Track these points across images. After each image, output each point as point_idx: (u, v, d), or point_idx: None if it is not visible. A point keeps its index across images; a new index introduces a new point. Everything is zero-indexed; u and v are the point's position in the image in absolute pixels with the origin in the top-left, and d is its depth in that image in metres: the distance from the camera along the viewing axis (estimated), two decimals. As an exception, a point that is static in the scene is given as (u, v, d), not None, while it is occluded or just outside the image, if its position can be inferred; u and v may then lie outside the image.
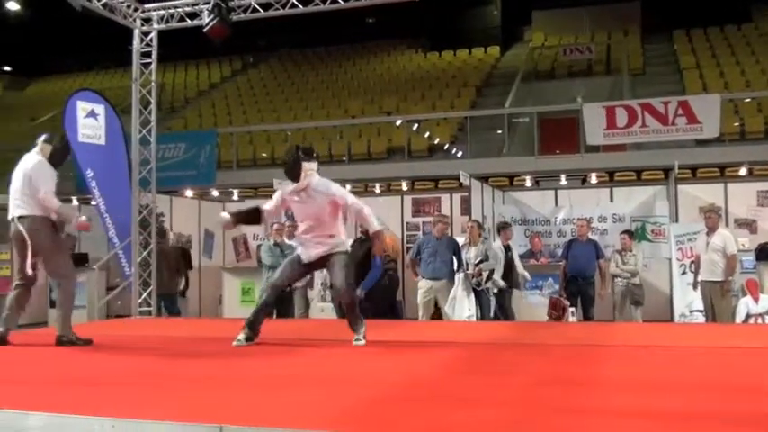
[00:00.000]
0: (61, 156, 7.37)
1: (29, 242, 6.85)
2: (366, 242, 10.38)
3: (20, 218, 6.91)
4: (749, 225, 13.73)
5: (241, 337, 6.74)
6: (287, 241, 11.61)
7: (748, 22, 26.19)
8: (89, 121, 12.20)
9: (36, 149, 7.22)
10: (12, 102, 32.61)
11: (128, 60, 11.62)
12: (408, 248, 13.55)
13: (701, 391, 4.43)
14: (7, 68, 36.00)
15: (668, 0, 27.09)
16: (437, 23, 30.19)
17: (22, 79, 35.06)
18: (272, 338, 7.37)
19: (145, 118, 11.19)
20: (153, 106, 11.26)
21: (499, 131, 19.55)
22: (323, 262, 6.94)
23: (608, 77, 23.81)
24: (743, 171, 14.13)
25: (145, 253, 11.12)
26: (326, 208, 6.81)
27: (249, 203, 16.20)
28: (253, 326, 6.81)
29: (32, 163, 7.04)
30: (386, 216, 15.55)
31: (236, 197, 16.85)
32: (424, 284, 10.62)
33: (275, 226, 11.47)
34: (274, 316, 10.84)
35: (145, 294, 10.99)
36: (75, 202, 17.38)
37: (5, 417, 3.70)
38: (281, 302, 10.92)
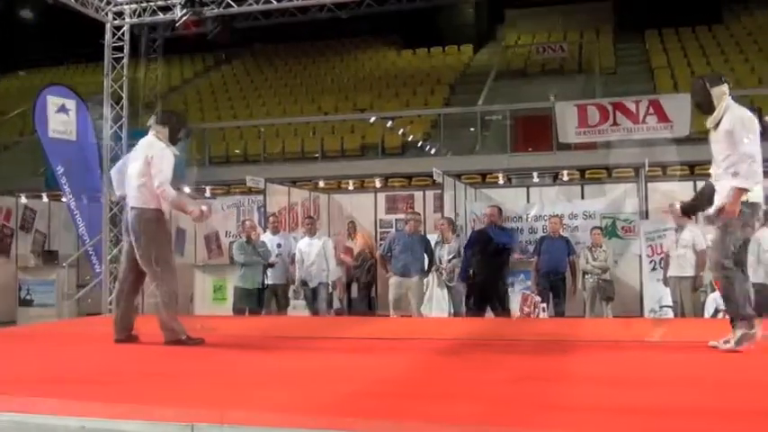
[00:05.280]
0: (179, 132, 6.83)
1: (132, 237, 6.51)
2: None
3: (132, 209, 6.54)
4: (718, 222, 13.86)
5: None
6: (261, 238, 11.61)
7: (719, 23, 26.48)
8: (60, 117, 12.09)
9: (152, 133, 6.71)
10: (-21, 97, 32.13)
11: (100, 55, 11.52)
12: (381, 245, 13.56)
13: (669, 385, 4.47)
14: (-26, 63, 35.46)
15: (640, 0, 27.29)
16: (411, 21, 30.18)
17: (-9, 73, 34.54)
18: (247, 335, 7.35)
19: (116, 113, 11.10)
20: (124, 102, 11.17)
21: (472, 129, 19.60)
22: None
23: (580, 76, 23.94)
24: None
25: (115, 250, 11.01)
26: (728, 138, 5.82)
27: (217, 200, 16.20)
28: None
29: (150, 151, 6.52)
30: (359, 213, 15.57)
31: (208, 194, 16.77)
32: (395, 281, 10.61)
33: (247, 223, 11.43)
34: (246, 313, 10.81)
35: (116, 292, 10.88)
36: (45, 198, 17.22)
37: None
38: (256, 300, 10.91)
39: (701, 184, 14.25)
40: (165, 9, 10.74)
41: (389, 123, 20.29)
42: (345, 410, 3.79)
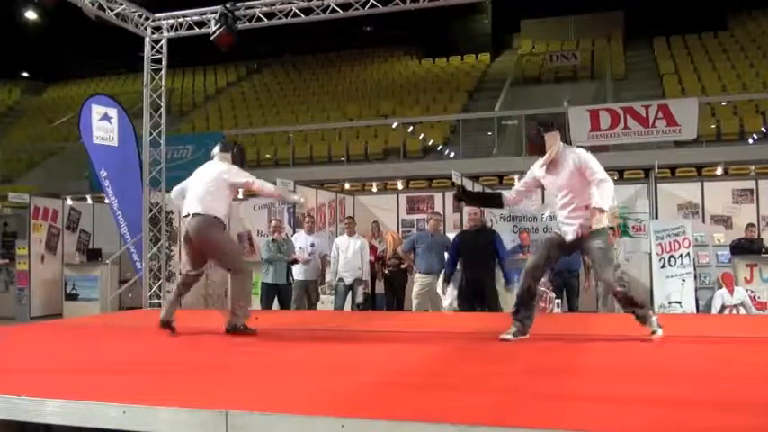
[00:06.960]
0: (240, 161, 7.19)
1: (194, 240, 6.81)
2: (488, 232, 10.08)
3: (194, 215, 6.82)
4: (725, 221, 13.76)
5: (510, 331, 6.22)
6: (295, 236, 11.65)
7: (724, 29, 26.26)
8: (103, 124, 12.22)
9: (216, 159, 7.11)
10: (29, 106, 32.55)
11: (139, 66, 11.61)
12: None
13: (678, 377, 4.44)
14: (25, 74, 35.90)
15: (649, 9, 27.12)
16: (431, 32, 30.19)
17: (40, 84, 34.95)
18: (275, 329, 7.38)
19: (155, 121, 11.18)
20: (163, 110, 11.24)
21: (489, 133, 19.57)
22: (580, 243, 6.08)
23: (592, 82, 23.83)
24: (719, 170, 14.17)
25: (155, 248, 11.12)
26: (576, 177, 5.96)
27: (253, 201, 16.27)
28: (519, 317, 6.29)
29: (221, 167, 6.95)
30: (382, 213, 15.58)
31: (240, 196, 16.82)
32: (420, 278, 10.57)
33: (273, 223, 11.46)
34: (272, 308, 10.83)
35: (155, 287, 10.98)
36: (89, 200, 17.40)
37: (24, 403, 3.70)
38: (283, 294, 10.93)
39: (708, 185, 14.25)
40: (201, 24, 10.80)
41: (411, 128, 20.33)
42: (363, 399, 3.82)
